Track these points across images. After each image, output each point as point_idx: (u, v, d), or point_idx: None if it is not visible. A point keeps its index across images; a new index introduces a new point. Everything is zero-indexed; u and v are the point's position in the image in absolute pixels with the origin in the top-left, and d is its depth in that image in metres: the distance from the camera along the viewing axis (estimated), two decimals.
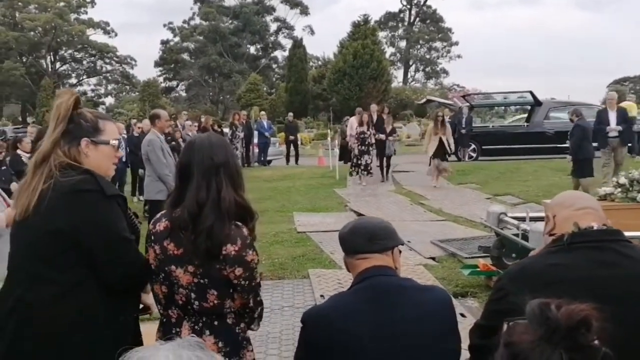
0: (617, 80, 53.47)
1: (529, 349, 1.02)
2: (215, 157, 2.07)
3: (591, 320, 1.02)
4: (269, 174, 16.25)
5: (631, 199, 5.29)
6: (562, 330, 1.01)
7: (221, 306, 2.06)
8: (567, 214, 1.95)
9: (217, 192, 2.02)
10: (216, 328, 2.07)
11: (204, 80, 56.41)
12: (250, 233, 2.09)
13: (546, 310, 1.05)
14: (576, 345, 1.01)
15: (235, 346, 2.10)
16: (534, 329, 1.04)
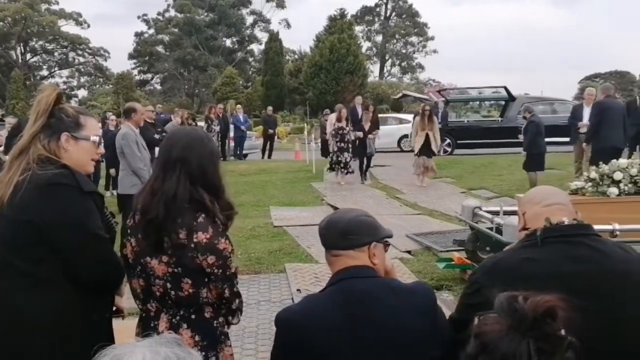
0: (588, 77, 54.41)
1: (497, 338, 1.05)
2: (174, 152, 2.09)
3: (557, 310, 1.06)
4: (245, 167, 16.18)
5: (601, 193, 5.39)
6: (529, 320, 1.05)
7: (196, 295, 2.06)
8: (536, 210, 1.98)
9: (175, 186, 2.03)
10: (193, 322, 2.07)
11: (179, 73, 55.84)
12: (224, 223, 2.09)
13: (514, 302, 1.08)
14: (543, 335, 1.04)
15: (212, 340, 2.10)
16: (503, 320, 1.07)
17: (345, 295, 1.85)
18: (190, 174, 2.08)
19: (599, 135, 9.35)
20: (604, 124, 9.31)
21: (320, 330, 1.80)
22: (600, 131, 9.33)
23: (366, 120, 13.38)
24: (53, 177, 1.97)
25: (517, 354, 1.03)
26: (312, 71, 38.84)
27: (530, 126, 10.64)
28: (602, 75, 55.78)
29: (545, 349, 1.04)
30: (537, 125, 10.63)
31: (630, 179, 5.36)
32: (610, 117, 9.33)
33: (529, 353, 1.02)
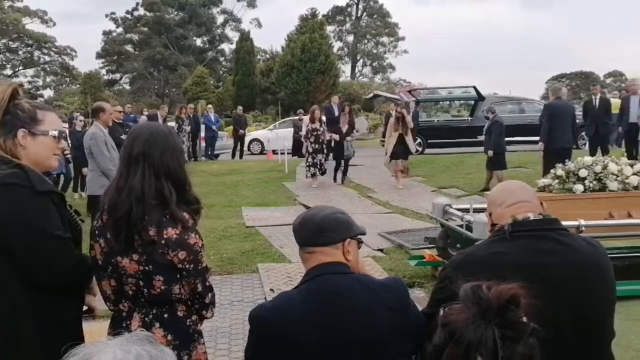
0: (555, 77, 55.51)
1: (464, 327, 1.07)
2: (136, 148, 2.08)
3: (519, 297, 1.10)
4: (217, 168, 16.08)
5: (567, 190, 5.50)
6: (494, 308, 1.07)
7: (169, 292, 2.05)
8: (500, 211, 2.01)
9: (140, 181, 2.02)
10: (166, 320, 2.06)
11: (149, 72, 55.11)
12: (193, 218, 2.09)
13: (478, 291, 1.11)
14: (507, 322, 1.07)
15: (185, 339, 2.09)
16: (468, 309, 1.09)
17: (319, 291, 1.86)
18: (154, 169, 2.06)
19: (550, 136, 9.70)
20: (554, 125, 9.66)
21: (294, 326, 1.80)
22: (550, 132, 9.68)
23: (344, 122, 12.93)
24: (3, 178, 1.93)
25: (483, 341, 1.05)
26: (284, 71, 38.76)
27: (494, 126, 10.94)
28: (568, 75, 56.98)
29: (510, 335, 1.07)
30: (501, 125, 11.00)
31: (594, 175, 5.49)
32: (559, 119, 9.69)
33: (494, 340, 1.05)
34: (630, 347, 4.07)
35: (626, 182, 5.44)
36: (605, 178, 5.46)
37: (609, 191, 5.44)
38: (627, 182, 5.44)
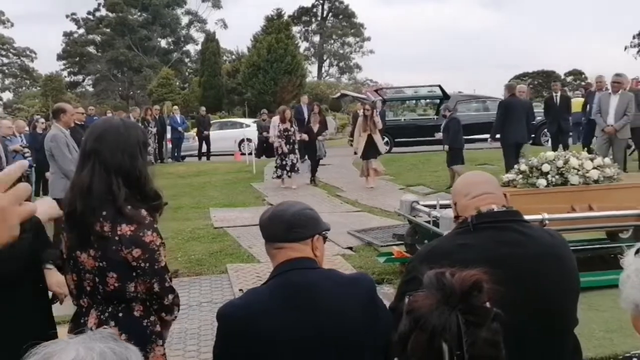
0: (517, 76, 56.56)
1: (428, 313, 1.09)
2: (88, 144, 2.07)
3: (482, 283, 1.11)
4: (184, 169, 15.91)
5: (531, 185, 5.62)
6: (457, 294, 1.09)
7: (122, 290, 2.02)
8: (465, 202, 2.04)
9: (89, 177, 2.01)
10: (121, 320, 2.04)
11: (113, 74, 54.16)
12: (151, 215, 2.05)
13: (442, 277, 1.13)
14: (470, 307, 1.09)
15: (141, 340, 2.03)
16: (432, 295, 1.11)
17: (288, 286, 1.86)
18: (105, 165, 2.03)
19: (504, 131, 10.14)
20: (508, 121, 10.11)
21: (263, 321, 1.80)
22: (505, 128, 10.11)
23: (314, 122, 12.88)
24: None
25: (447, 326, 1.07)
26: (250, 71, 38.55)
27: (452, 123, 11.22)
28: (530, 74, 58.13)
29: (473, 320, 1.08)
30: (458, 122, 11.32)
31: (557, 170, 5.61)
32: (513, 115, 10.15)
33: (458, 325, 1.06)
34: (592, 337, 4.18)
35: (587, 176, 5.57)
36: (566, 172, 5.58)
37: (571, 185, 5.57)
38: (587, 176, 5.57)
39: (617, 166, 5.99)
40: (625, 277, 1.46)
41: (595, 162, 5.69)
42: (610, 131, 9.86)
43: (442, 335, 1.06)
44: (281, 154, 11.99)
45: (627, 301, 1.44)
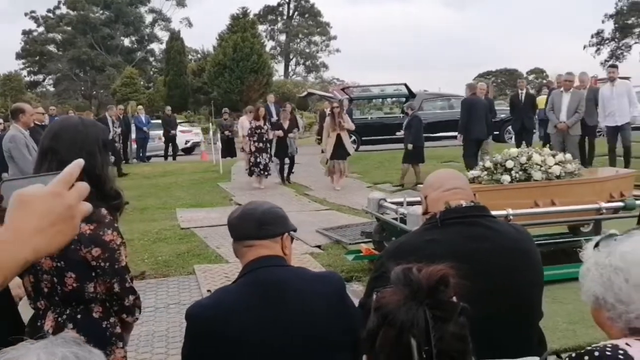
0: (481, 74, 57.55)
1: (396, 308, 1.09)
2: (45, 142, 2.05)
3: (449, 278, 1.12)
4: (149, 170, 15.67)
5: (496, 181, 5.71)
6: (425, 289, 1.10)
7: (81, 290, 1.98)
8: (436, 195, 2.07)
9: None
10: (79, 322, 2.00)
11: (74, 74, 52.98)
12: (112, 214, 2.03)
13: (409, 273, 1.13)
14: (437, 302, 1.10)
15: (100, 342, 1.98)
16: (400, 291, 1.11)
17: (257, 284, 1.87)
18: (62, 163, 1.99)
19: (467, 128, 10.60)
20: (470, 119, 10.58)
21: (232, 321, 1.80)
22: (467, 125, 10.58)
23: (285, 119, 12.70)
24: None
25: (415, 321, 1.07)
26: (216, 70, 38.22)
27: (414, 121, 11.40)
28: (494, 72, 59.23)
29: (440, 315, 1.09)
30: (420, 121, 11.58)
31: (520, 166, 5.72)
32: (475, 113, 10.62)
33: (425, 320, 1.07)
34: (557, 329, 4.27)
35: (549, 172, 5.70)
36: (530, 168, 5.70)
37: (534, 181, 5.68)
38: (550, 171, 5.69)
39: (577, 162, 6.14)
40: (585, 271, 1.49)
41: (557, 158, 5.82)
42: (562, 127, 10.22)
43: (410, 330, 1.06)
44: (255, 152, 11.70)
45: (587, 294, 1.47)
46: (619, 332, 1.40)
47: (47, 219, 0.87)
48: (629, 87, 10.73)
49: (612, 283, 1.39)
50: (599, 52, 48.90)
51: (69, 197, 0.90)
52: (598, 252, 1.47)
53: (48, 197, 0.88)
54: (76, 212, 0.90)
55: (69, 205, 0.89)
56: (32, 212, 0.87)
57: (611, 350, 1.33)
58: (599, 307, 1.44)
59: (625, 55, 47.19)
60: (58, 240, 0.89)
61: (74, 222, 0.90)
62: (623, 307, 1.37)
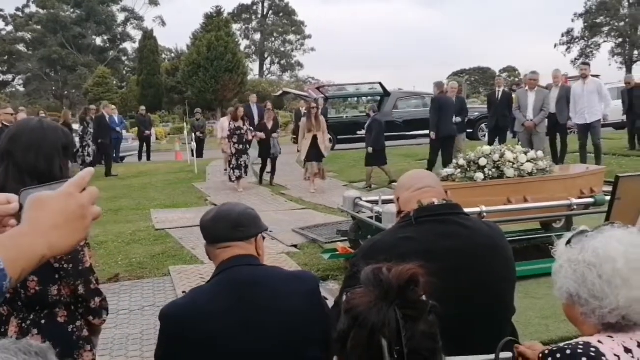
0: (455, 73, 58.14)
1: (367, 309, 1.09)
2: (2, 144, 2.02)
3: (419, 277, 1.12)
4: (123, 171, 15.47)
5: (469, 179, 5.77)
6: (395, 289, 1.10)
7: (44, 294, 1.95)
8: (407, 195, 2.09)
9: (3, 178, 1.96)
10: (44, 327, 1.97)
11: (45, 73, 52.09)
12: None
13: (379, 273, 1.13)
14: (407, 301, 1.10)
15: (67, 346, 1.98)
16: (370, 292, 1.11)
17: (232, 282, 1.87)
18: (18, 166, 1.96)
19: (438, 126, 10.88)
20: (441, 117, 10.88)
21: (207, 320, 1.80)
22: (438, 122, 10.87)
23: (268, 119, 12.33)
24: None
25: (386, 322, 1.07)
26: (190, 70, 37.95)
27: (374, 124, 11.48)
28: (468, 71, 59.90)
29: (411, 314, 1.10)
30: (381, 124, 11.66)
31: (493, 164, 5.78)
32: (445, 111, 10.97)
33: (396, 320, 1.07)
34: (529, 324, 4.33)
35: (521, 169, 5.77)
36: (502, 166, 5.76)
37: (507, 178, 5.75)
38: (522, 169, 5.77)
39: (549, 159, 6.23)
40: (558, 268, 1.51)
41: (529, 156, 5.90)
42: (530, 125, 10.41)
43: (382, 331, 1.06)
44: (235, 154, 11.31)
45: (561, 291, 1.48)
46: (592, 328, 1.42)
47: (62, 217, 0.93)
48: (600, 85, 10.93)
49: (586, 279, 1.40)
50: (569, 51, 49.86)
51: (81, 198, 0.96)
52: (570, 248, 1.49)
53: (62, 197, 0.95)
54: (88, 212, 0.96)
55: (81, 205, 0.95)
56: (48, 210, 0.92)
57: (583, 348, 1.35)
58: (572, 303, 1.46)
59: (595, 54, 48.21)
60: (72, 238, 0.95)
61: (87, 222, 0.96)
62: (597, 303, 1.39)
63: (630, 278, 1.36)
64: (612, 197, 3.11)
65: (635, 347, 1.35)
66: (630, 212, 2.89)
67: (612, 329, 1.39)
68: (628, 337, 1.37)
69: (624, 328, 1.39)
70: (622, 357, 1.32)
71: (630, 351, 1.34)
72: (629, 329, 1.40)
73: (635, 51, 47.76)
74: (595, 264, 1.40)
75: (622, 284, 1.36)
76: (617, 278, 1.36)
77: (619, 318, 1.37)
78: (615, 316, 1.37)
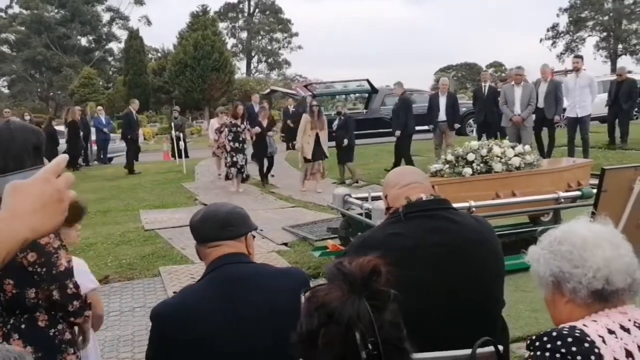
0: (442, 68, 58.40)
1: (341, 304, 1.09)
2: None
3: (380, 268, 1.13)
4: (111, 172, 15.38)
5: (457, 174, 5.79)
6: (359, 281, 1.11)
7: (21, 297, 1.93)
8: (395, 192, 2.11)
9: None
10: (24, 331, 1.95)
11: (30, 75, 51.61)
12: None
13: (342, 267, 1.14)
14: (372, 292, 1.11)
15: (48, 351, 1.97)
16: (339, 286, 1.12)
17: (223, 280, 1.88)
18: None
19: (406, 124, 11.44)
20: (408, 116, 11.47)
21: (198, 317, 1.80)
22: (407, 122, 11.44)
23: (264, 117, 11.97)
24: None
25: (360, 314, 1.08)
26: (177, 69, 37.76)
27: (349, 121, 11.73)
28: (454, 66, 60.17)
29: (377, 305, 1.11)
30: (354, 121, 12.04)
31: (481, 159, 5.81)
32: (411, 109, 11.70)
33: (367, 311, 1.08)
34: (519, 317, 4.37)
35: (509, 164, 5.81)
36: (490, 161, 5.80)
37: (495, 173, 5.78)
38: (510, 163, 5.80)
39: (536, 152, 6.28)
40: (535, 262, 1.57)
41: (516, 150, 5.94)
42: (517, 120, 10.49)
43: (356, 324, 1.07)
44: (230, 152, 10.88)
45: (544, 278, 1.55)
46: (582, 310, 1.46)
47: (40, 201, 0.96)
48: (592, 80, 10.99)
49: (562, 253, 1.48)
50: (554, 45, 50.17)
51: (57, 182, 0.99)
52: (540, 242, 1.59)
53: (38, 182, 0.98)
54: (64, 196, 0.99)
55: (58, 189, 0.98)
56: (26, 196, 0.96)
57: (568, 330, 1.38)
58: (557, 286, 1.50)
59: (580, 48, 48.49)
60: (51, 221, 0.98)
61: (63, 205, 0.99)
62: (580, 270, 1.44)
63: (598, 242, 1.47)
64: (599, 189, 3.14)
65: (618, 329, 1.39)
66: (616, 204, 2.93)
67: (600, 297, 1.44)
68: (610, 320, 1.42)
69: (610, 296, 1.44)
70: (607, 337, 1.36)
71: (614, 332, 1.38)
72: (615, 298, 1.45)
73: (619, 45, 48.17)
74: (565, 237, 1.50)
75: (594, 246, 1.46)
76: (588, 243, 1.46)
77: (604, 282, 1.43)
78: (600, 279, 1.43)
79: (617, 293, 1.45)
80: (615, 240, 1.49)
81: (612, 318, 1.42)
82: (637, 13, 46.84)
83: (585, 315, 1.45)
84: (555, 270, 1.49)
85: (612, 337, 1.37)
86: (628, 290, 1.46)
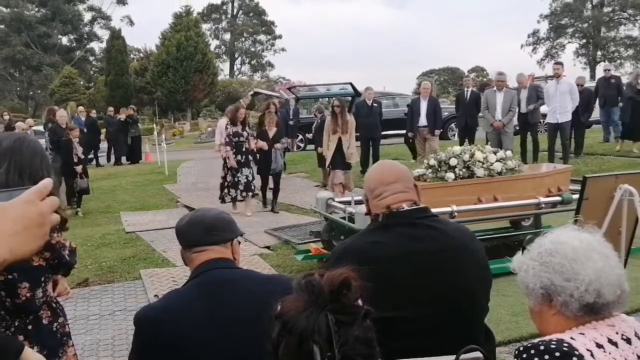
0: (425, 73, 58.70)
1: (296, 315, 1.07)
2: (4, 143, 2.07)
3: (351, 281, 1.11)
4: (91, 173, 15.11)
5: (440, 179, 5.83)
6: (326, 294, 1.08)
7: (33, 298, 2.01)
8: (375, 203, 2.08)
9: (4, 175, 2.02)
10: (31, 332, 2.00)
11: (9, 73, 50.81)
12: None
13: (310, 279, 1.12)
14: (341, 306, 1.08)
15: (53, 346, 2.06)
16: (300, 297, 1.10)
17: (206, 285, 1.87)
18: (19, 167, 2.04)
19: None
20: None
21: (183, 322, 1.79)
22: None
23: (270, 124, 9.40)
24: None
25: (316, 328, 1.05)
26: (159, 70, 37.46)
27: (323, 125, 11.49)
28: (437, 71, 60.50)
29: (344, 320, 1.07)
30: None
31: (463, 164, 5.86)
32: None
33: (327, 325, 1.05)
34: (501, 321, 4.40)
35: (491, 169, 5.86)
36: (472, 166, 5.84)
37: (477, 178, 5.83)
38: (491, 168, 5.86)
39: (518, 158, 6.34)
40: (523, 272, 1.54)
41: (498, 155, 5.99)
42: (498, 126, 10.61)
43: (312, 337, 1.04)
44: (230, 168, 8.97)
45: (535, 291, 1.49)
46: (570, 322, 1.45)
47: (21, 223, 0.94)
48: (572, 86, 11.11)
49: (554, 265, 1.46)
50: (535, 51, 50.75)
51: (41, 205, 0.97)
52: (527, 252, 1.55)
53: (21, 204, 0.96)
54: (47, 220, 0.97)
55: (41, 213, 0.96)
56: (7, 217, 0.94)
57: (556, 343, 1.37)
58: (548, 299, 1.48)
59: (560, 54, 49.13)
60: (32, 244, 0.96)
61: (45, 229, 0.97)
62: (572, 284, 1.43)
63: (589, 254, 1.45)
64: (580, 197, 3.18)
65: (605, 342, 1.39)
66: (597, 211, 2.96)
67: (591, 311, 1.43)
68: (599, 333, 1.41)
69: (600, 309, 1.43)
70: (595, 351, 1.36)
71: (602, 346, 1.37)
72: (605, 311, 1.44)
73: (598, 52, 48.90)
74: (556, 249, 1.48)
75: (585, 259, 1.44)
76: (579, 255, 1.45)
77: (595, 295, 1.41)
78: (592, 293, 1.41)
79: (607, 306, 1.44)
80: (606, 250, 1.48)
81: (600, 331, 1.42)
82: (615, 21, 47.64)
83: (572, 326, 1.44)
84: (546, 283, 1.47)
85: (601, 351, 1.37)
86: (617, 302, 1.45)
